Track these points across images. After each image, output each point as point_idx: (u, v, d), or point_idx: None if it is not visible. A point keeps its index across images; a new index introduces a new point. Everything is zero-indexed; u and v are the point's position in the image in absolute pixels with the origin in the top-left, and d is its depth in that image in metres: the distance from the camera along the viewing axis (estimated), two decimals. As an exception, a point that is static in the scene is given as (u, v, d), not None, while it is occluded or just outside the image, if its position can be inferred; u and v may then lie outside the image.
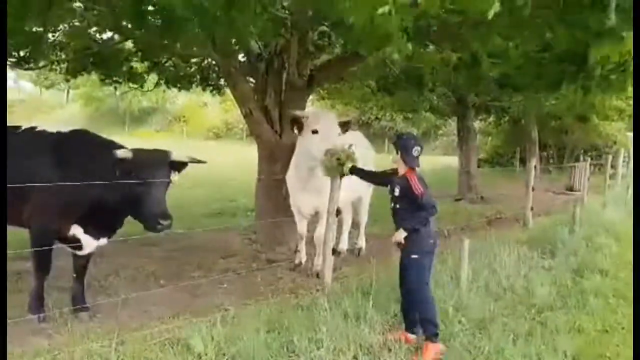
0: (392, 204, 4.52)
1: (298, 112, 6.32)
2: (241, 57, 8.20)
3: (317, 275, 6.27)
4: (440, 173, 16.91)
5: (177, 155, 4.78)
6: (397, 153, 4.48)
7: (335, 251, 6.05)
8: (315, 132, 5.92)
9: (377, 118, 23.95)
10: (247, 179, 9.72)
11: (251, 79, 7.98)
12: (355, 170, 5.33)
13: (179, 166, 4.83)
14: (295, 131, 6.15)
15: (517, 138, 21.86)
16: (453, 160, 17.68)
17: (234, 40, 6.50)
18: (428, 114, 19.80)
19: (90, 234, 4.94)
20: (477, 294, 5.41)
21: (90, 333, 4.48)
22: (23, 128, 5.26)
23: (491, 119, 21.39)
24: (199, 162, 4.99)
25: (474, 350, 4.23)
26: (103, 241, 5.10)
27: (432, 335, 4.23)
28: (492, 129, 24.75)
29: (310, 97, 10.09)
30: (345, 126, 6.15)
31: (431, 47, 7.02)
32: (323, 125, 5.92)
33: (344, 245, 7.55)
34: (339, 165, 5.34)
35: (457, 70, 7.42)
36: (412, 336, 4.40)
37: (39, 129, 5.22)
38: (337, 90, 13.74)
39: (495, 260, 6.43)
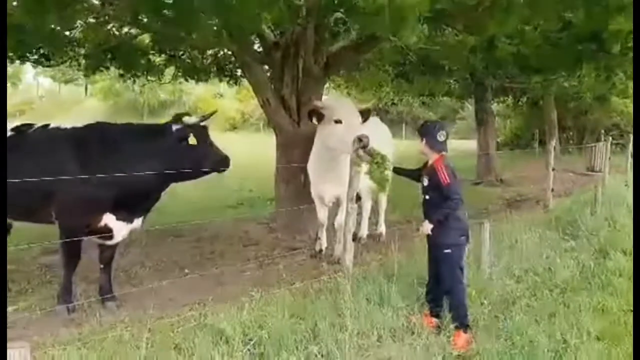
0: (423, 195, 4.47)
1: (318, 103, 6.29)
2: (257, 46, 8.23)
3: (338, 262, 6.31)
4: (459, 157, 16.81)
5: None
6: (422, 141, 4.40)
7: (355, 237, 6.08)
8: (338, 121, 5.88)
9: (393, 103, 23.79)
10: (265, 169, 9.79)
11: (267, 68, 8.01)
12: (395, 170, 5.26)
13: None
14: (315, 121, 6.12)
15: (536, 120, 21.65)
16: (472, 144, 17.58)
17: (249, 30, 6.52)
18: (445, 98, 19.68)
19: (124, 219, 5.04)
20: (498, 277, 5.42)
21: (119, 322, 4.59)
22: (36, 126, 5.36)
23: (509, 101, 21.18)
24: (210, 115, 5.42)
25: (496, 331, 4.25)
26: (137, 222, 5.20)
27: (463, 325, 4.20)
28: (510, 111, 24.51)
29: (326, 84, 10.08)
30: (365, 114, 6.12)
31: (447, 30, 6.98)
32: (346, 115, 5.89)
33: (364, 231, 7.56)
34: (383, 171, 5.26)
35: (474, 53, 7.37)
36: (435, 320, 4.40)
37: (53, 125, 5.33)
38: (353, 76, 13.69)
39: (517, 243, 6.42)
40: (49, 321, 4.81)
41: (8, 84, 59.15)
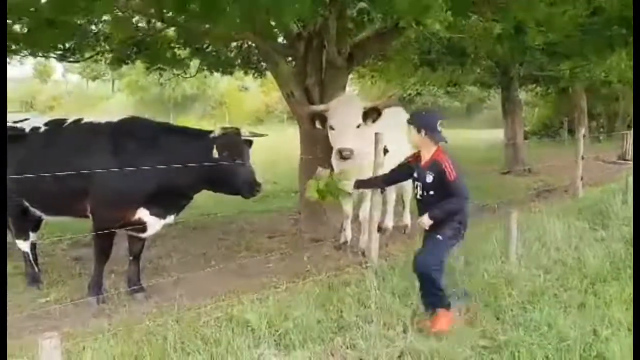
0: (422, 192, 4.17)
1: (315, 107, 6.10)
2: (280, 38, 8.22)
3: (363, 253, 6.30)
4: (486, 147, 16.63)
5: (244, 133, 5.15)
6: (420, 132, 4.08)
7: (380, 228, 6.05)
8: (332, 128, 5.73)
9: (418, 93, 23.59)
10: (289, 161, 9.81)
11: (291, 60, 8.00)
12: (361, 183, 5.07)
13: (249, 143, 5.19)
14: (319, 125, 5.93)
15: (564, 108, 21.27)
16: (499, 133, 17.34)
17: (273, 22, 6.51)
18: (472, 87, 19.44)
19: (157, 214, 5.12)
20: (526, 267, 5.35)
21: (147, 313, 4.67)
22: (69, 121, 5.44)
23: (537, 89, 20.82)
24: (260, 135, 5.32)
25: (525, 322, 4.19)
26: (170, 219, 5.28)
27: (445, 305, 4.08)
28: (538, 99, 24.10)
29: (350, 75, 10.02)
30: (373, 113, 5.79)
31: (473, 17, 6.87)
32: (340, 120, 5.66)
33: (389, 223, 7.51)
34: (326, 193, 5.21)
35: (500, 41, 7.24)
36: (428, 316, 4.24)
37: (86, 120, 5.39)
38: (378, 67, 13.59)
39: (545, 233, 6.32)
40: (79, 312, 4.92)
41: (37, 81, 60.54)
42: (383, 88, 23.51)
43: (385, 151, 5.46)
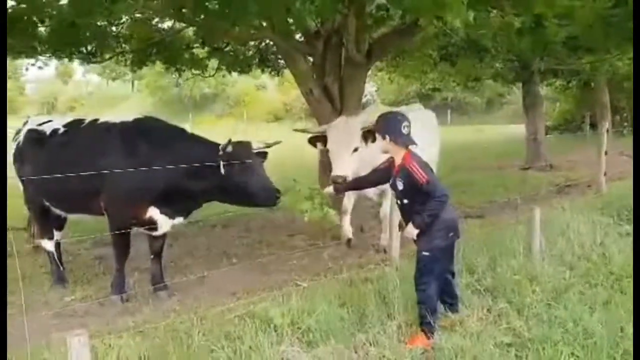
0: (398, 201, 4.03)
1: (314, 129, 5.92)
2: (298, 36, 8.24)
3: (385, 251, 6.28)
4: (506, 142, 16.48)
5: (256, 146, 5.14)
6: (385, 138, 3.88)
7: (401, 226, 6.00)
8: (328, 152, 5.60)
9: (437, 89, 23.48)
10: (308, 159, 9.81)
11: (310, 58, 8.01)
12: (339, 188, 4.87)
13: (263, 155, 5.19)
14: (321, 147, 5.76)
15: (586, 102, 20.95)
16: (519, 129, 17.17)
17: (291, 20, 6.52)
18: (491, 81, 19.27)
19: (166, 213, 5.17)
20: (550, 264, 5.28)
21: (171, 310, 4.71)
22: (87, 121, 5.55)
23: (558, 83, 20.54)
24: (275, 144, 5.30)
25: (549, 319, 4.15)
26: (179, 220, 5.31)
27: (427, 331, 3.88)
28: (559, 93, 23.77)
29: (369, 72, 9.99)
30: (371, 135, 5.36)
31: (493, 12, 6.80)
32: (333, 145, 5.52)
33: None
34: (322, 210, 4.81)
35: (521, 35, 7.16)
36: (453, 315, 4.17)
37: (101, 120, 5.48)
38: (396, 63, 13.54)
39: (569, 228, 6.23)
40: (104, 310, 4.99)
41: (59, 82, 61.41)
42: (402, 84, 23.44)
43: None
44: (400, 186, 3.89)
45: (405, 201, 3.94)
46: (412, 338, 3.90)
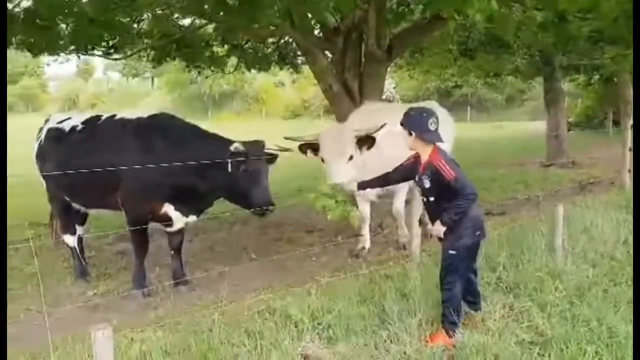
0: (424, 199, 3.95)
1: (304, 137, 5.69)
2: (318, 32, 8.22)
3: (404, 247, 6.25)
4: (527, 139, 16.29)
5: (267, 147, 5.12)
6: (411, 135, 3.78)
7: (421, 222, 5.97)
8: (322, 160, 5.51)
9: (456, 85, 23.26)
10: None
11: (329, 54, 7.98)
12: (364, 184, 4.60)
13: (272, 159, 5.17)
14: (311, 155, 5.61)
15: (609, 98, 20.57)
16: (541, 125, 16.97)
17: (311, 16, 6.51)
18: (511, 77, 19.05)
19: (180, 210, 5.21)
20: (573, 261, 5.21)
21: (192, 305, 4.74)
22: (104, 117, 5.63)
23: (580, 79, 20.23)
24: (286, 150, 5.23)
25: (572, 318, 4.09)
26: (192, 218, 5.35)
27: (448, 329, 3.84)
28: (581, 89, 23.43)
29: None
30: (367, 141, 5.44)
31: (515, 6, 6.71)
32: (327, 154, 5.43)
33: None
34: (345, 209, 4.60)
35: (544, 30, 7.06)
36: (474, 313, 4.10)
37: (118, 116, 5.55)
38: (416, 59, 13.44)
39: (592, 226, 6.14)
40: (126, 304, 5.04)
41: (80, 79, 62.23)
42: (420, 80, 23.27)
43: None
44: (426, 184, 3.81)
45: (432, 199, 3.86)
46: (433, 336, 3.87)
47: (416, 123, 3.76)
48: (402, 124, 3.85)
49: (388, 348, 3.73)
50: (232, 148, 4.86)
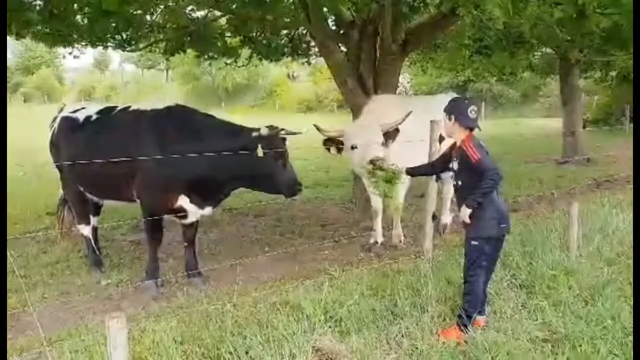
0: (454, 183, 4.05)
1: (328, 132, 5.81)
2: (333, 24, 8.18)
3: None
4: (542, 136, 16.14)
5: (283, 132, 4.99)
6: (450, 119, 3.91)
7: (434, 217, 5.94)
8: (354, 147, 5.58)
9: (471, 80, 23.06)
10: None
11: (344, 48, 7.95)
12: (413, 171, 4.68)
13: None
14: (333, 152, 5.78)
15: (626, 95, 20.30)
16: (556, 122, 16.80)
17: (330, 9, 6.47)
18: (527, 74, 18.85)
19: (196, 203, 5.15)
20: (588, 259, 5.17)
21: (205, 296, 4.77)
22: (118, 108, 5.59)
23: (597, 76, 19.99)
24: (294, 133, 5.09)
25: (586, 315, 4.06)
26: (208, 210, 5.31)
27: (462, 324, 3.85)
28: (598, 86, 23.14)
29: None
30: (393, 134, 5.66)
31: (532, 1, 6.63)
32: (361, 139, 5.54)
33: (447, 218, 7.01)
34: (392, 186, 4.81)
35: (561, 25, 6.97)
36: (480, 318, 4.02)
37: (133, 107, 5.50)
38: (431, 54, 13.34)
39: (607, 224, 6.09)
40: (140, 295, 5.08)
41: (96, 71, 62.71)
42: (434, 75, 23.10)
43: (442, 138, 5.35)
44: (455, 166, 3.96)
45: (459, 182, 3.95)
46: (446, 331, 3.87)
47: (458, 108, 3.90)
48: (444, 110, 4.00)
49: (400, 342, 3.73)
50: (262, 132, 4.80)
